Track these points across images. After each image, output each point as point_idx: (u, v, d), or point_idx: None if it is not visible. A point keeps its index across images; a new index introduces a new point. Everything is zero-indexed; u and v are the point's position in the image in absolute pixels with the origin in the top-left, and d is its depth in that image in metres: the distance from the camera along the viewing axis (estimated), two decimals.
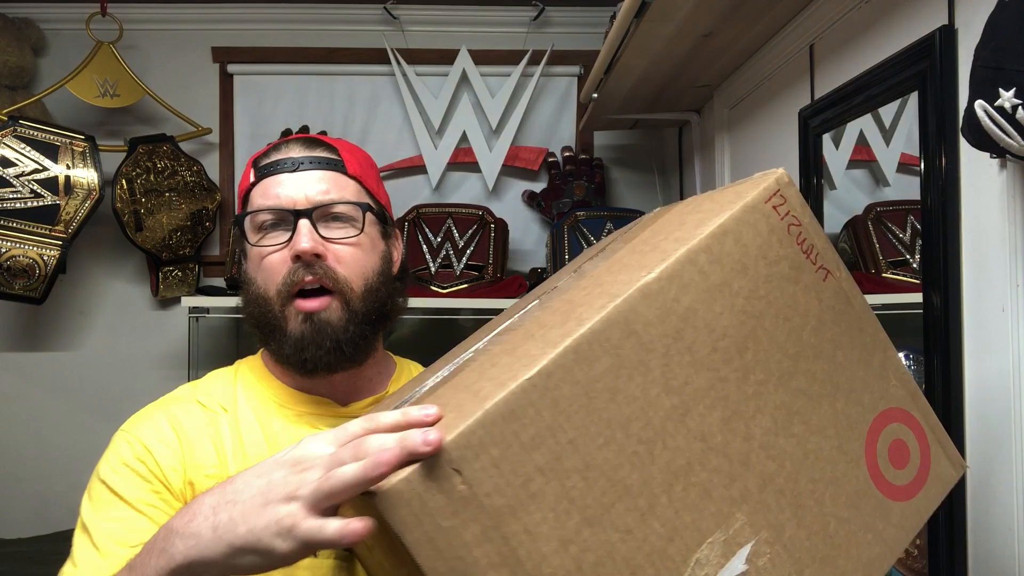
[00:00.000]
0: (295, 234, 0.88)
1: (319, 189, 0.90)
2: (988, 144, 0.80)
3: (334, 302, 0.89)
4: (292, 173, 0.91)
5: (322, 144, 0.95)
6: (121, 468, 0.85)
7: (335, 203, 0.90)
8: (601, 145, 2.51)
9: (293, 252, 0.87)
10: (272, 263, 0.89)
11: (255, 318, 0.91)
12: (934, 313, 1.00)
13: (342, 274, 0.89)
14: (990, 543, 0.92)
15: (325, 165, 0.92)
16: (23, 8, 2.35)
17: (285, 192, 0.89)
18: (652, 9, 1.37)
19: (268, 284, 0.89)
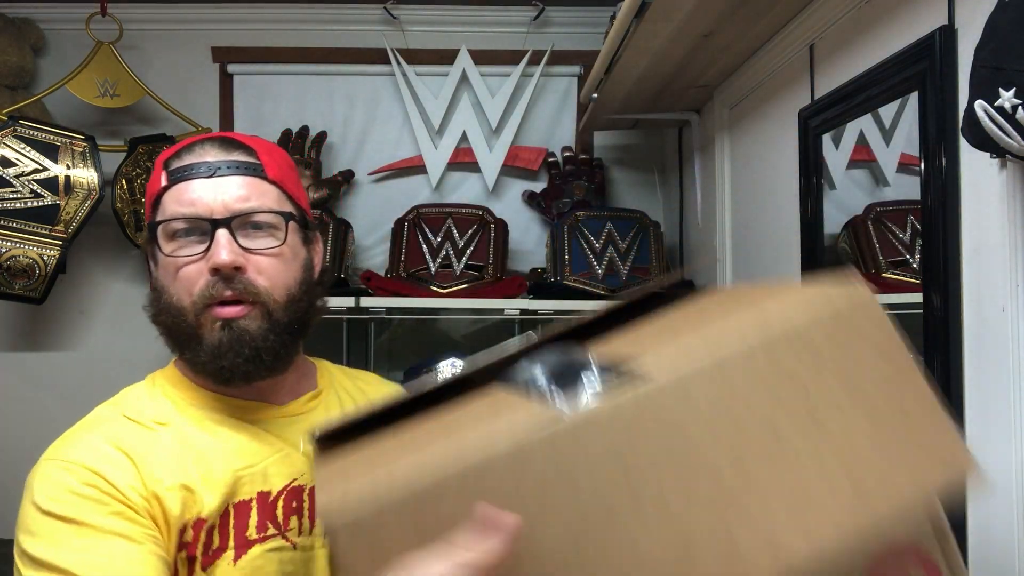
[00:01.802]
0: (213, 245, 0.84)
1: (238, 196, 0.85)
2: (988, 144, 0.80)
3: (254, 310, 0.85)
4: (208, 179, 0.86)
5: (240, 146, 0.90)
6: (67, 496, 0.79)
7: (255, 212, 0.86)
8: (601, 145, 2.51)
9: (211, 265, 0.83)
10: (188, 274, 0.85)
11: (167, 327, 0.87)
12: (934, 313, 1.00)
13: (263, 286, 0.86)
14: (990, 543, 0.92)
15: (244, 170, 0.87)
16: (23, 8, 2.35)
17: (201, 199, 0.85)
18: (652, 9, 1.37)
19: (182, 295, 0.85)
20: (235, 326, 0.84)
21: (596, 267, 2.16)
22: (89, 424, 0.90)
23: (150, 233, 0.88)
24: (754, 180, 1.73)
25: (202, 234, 0.85)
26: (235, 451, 0.87)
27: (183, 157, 0.88)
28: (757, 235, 1.72)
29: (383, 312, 2.15)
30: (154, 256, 0.89)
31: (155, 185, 0.89)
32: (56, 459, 0.83)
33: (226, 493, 0.84)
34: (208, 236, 0.84)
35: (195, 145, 0.90)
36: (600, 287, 2.13)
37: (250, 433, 0.89)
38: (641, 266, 2.17)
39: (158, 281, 0.88)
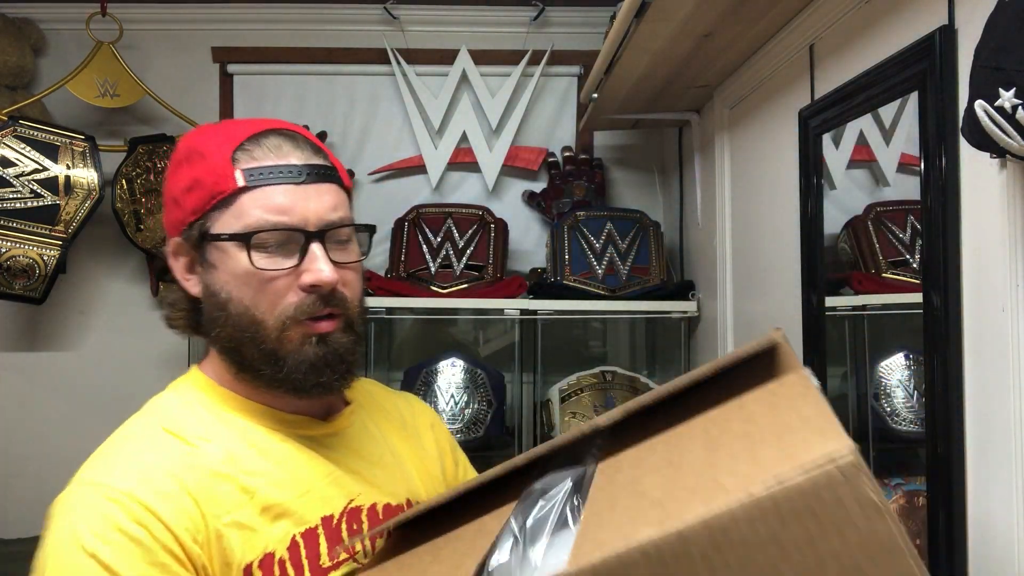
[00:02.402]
0: (307, 260, 0.79)
1: (328, 206, 0.81)
2: (988, 144, 0.80)
3: (340, 323, 0.83)
4: (297, 185, 0.80)
5: (311, 145, 0.85)
6: (115, 536, 0.71)
7: (344, 224, 0.83)
8: (601, 145, 2.51)
9: (312, 282, 0.79)
10: (276, 288, 0.80)
11: (236, 341, 0.81)
12: (934, 313, 1.00)
13: (349, 299, 0.84)
14: (990, 543, 0.92)
15: (327, 176, 0.83)
16: (23, 8, 2.35)
17: (294, 208, 0.79)
18: (652, 9, 1.37)
19: (266, 309, 0.80)
20: (331, 341, 0.82)
21: (596, 267, 2.16)
22: (130, 441, 0.81)
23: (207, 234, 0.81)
24: (754, 180, 1.73)
25: (291, 246, 0.80)
26: (292, 474, 0.82)
27: (258, 154, 0.81)
28: (757, 235, 1.72)
29: (383, 312, 2.15)
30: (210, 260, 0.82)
31: (224, 182, 0.80)
32: (102, 485, 0.74)
33: (291, 522, 0.80)
34: (298, 248, 0.80)
35: (265, 139, 0.82)
36: (600, 287, 2.13)
37: (301, 452, 0.85)
38: (641, 266, 2.17)
39: (222, 290, 0.81)
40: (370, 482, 0.88)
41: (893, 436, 1.28)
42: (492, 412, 2.13)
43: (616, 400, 2.17)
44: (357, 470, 0.88)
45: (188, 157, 0.83)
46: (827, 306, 1.38)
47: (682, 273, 2.30)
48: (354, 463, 0.89)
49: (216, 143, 0.82)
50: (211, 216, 0.80)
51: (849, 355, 1.40)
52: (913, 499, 1.23)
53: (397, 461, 0.94)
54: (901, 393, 1.28)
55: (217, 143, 0.82)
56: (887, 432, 1.28)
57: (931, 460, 1.00)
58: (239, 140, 0.82)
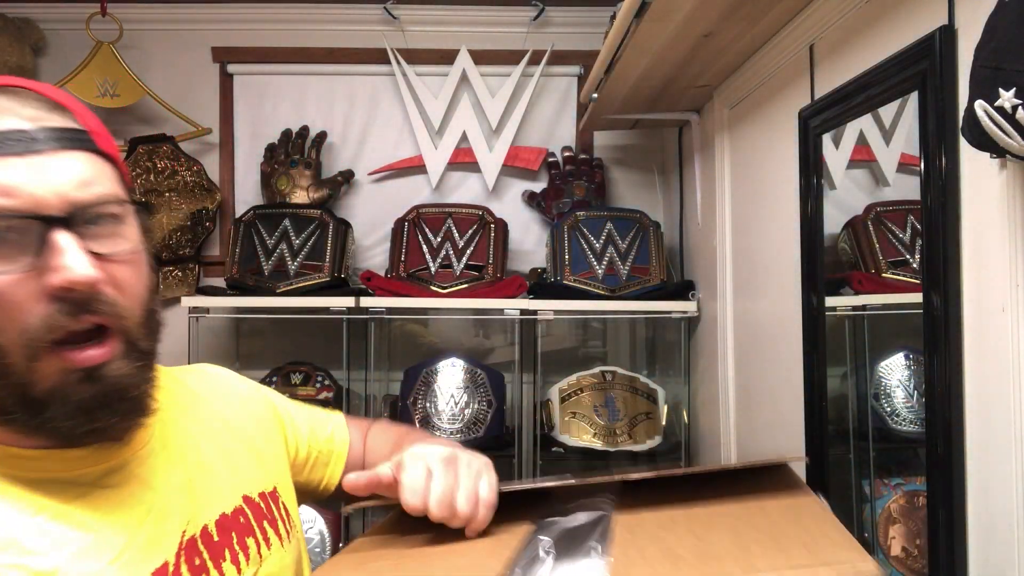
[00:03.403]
0: (49, 253, 0.58)
1: (74, 181, 0.60)
2: (988, 144, 0.80)
3: (118, 346, 0.62)
4: (26, 156, 0.59)
5: (46, 101, 0.63)
6: None
7: (103, 202, 0.62)
8: (601, 145, 2.51)
9: (59, 283, 0.58)
10: (10, 299, 0.58)
11: None
12: (934, 313, 1.00)
13: (123, 304, 0.62)
14: (990, 543, 0.92)
15: (74, 143, 0.62)
16: (23, 8, 2.35)
17: (21, 187, 0.58)
18: (652, 9, 1.37)
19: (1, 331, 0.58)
20: (104, 375, 0.61)
21: (596, 267, 2.16)
22: None
23: None
24: (754, 180, 1.73)
25: (22, 238, 0.58)
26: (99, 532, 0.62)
27: None
28: (757, 235, 1.72)
29: (383, 312, 2.15)
30: None
31: None
32: None
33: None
34: (34, 242, 0.58)
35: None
36: (600, 287, 2.13)
37: (103, 496, 0.64)
38: (641, 266, 2.17)
39: None
40: (197, 497, 0.72)
41: (893, 436, 1.28)
42: (492, 412, 2.13)
43: (616, 400, 2.17)
44: (180, 487, 0.71)
45: None
46: (827, 306, 1.38)
47: (682, 273, 2.30)
48: (174, 479, 0.71)
49: None
50: None
51: (849, 355, 1.40)
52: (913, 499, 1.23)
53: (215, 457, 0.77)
54: (901, 393, 1.28)
55: None
56: (887, 432, 1.28)
57: (931, 460, 1.00)
58: None
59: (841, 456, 1.39)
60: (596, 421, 2.14)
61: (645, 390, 2.22)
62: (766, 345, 1.66)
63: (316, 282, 2.14)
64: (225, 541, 0.71)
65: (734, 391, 1.86)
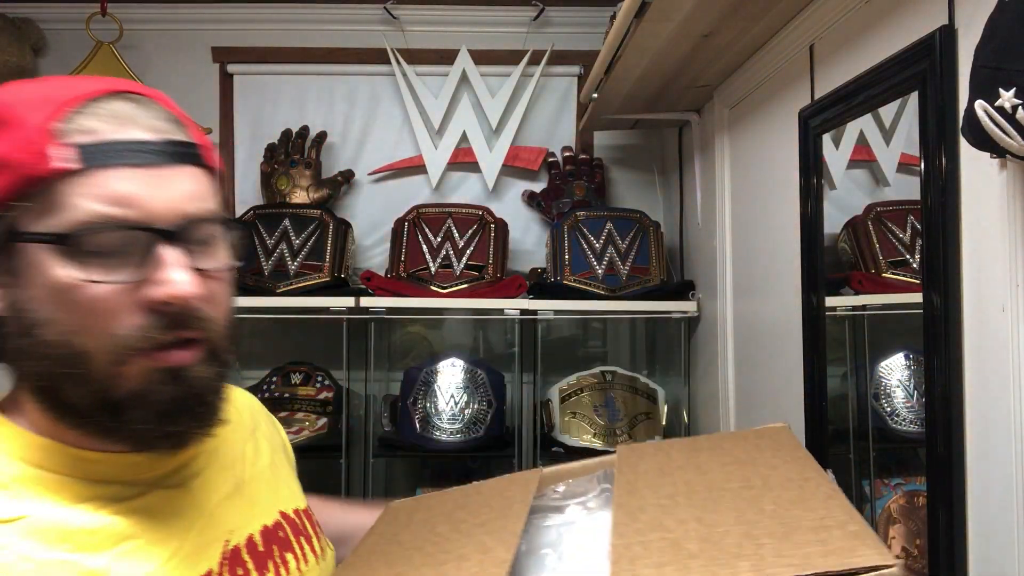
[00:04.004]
0: (155, 266, 0.59)
1: (186, 195, 0.61)
2: (988, 144, 0.80)
3: (202, 351, 0.63)
4: (148, 169, 0.59)
5: (164, 112, 0.63)
6: None
7: (208, 219, 0.63)
8: (601, 145, 2.51)
9: (163, 296, 0.59)
10: (108, 309, 0.58)
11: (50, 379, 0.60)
12: (934, 313, 1.00)
13: (213, 318, 0.63)
14: (990, 543, 0.92)
15: (188, 158, 0.62)
16: (23, 8, 2.35)
17: (139, 198, 0.58)
18: (652, 9, 1.37)
19: (88, 334, 0.58)
20: (187, 377, 0.61)
21: (596, 267, 2.16)
22: None
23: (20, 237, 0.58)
24: (754, 180, 1.73)
25: (130, 249, 0.59)
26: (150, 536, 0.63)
27: (92, 124, 0.59)
28: (757, 235, 1.72)
29: (383, 312, 2.15)
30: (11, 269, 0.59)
31: (38, 162, 0.57)
32: None
33: None
34: (140, 253, 0.59)
35: (103, 104, 0.60)
36: (600, 287, 2.13)
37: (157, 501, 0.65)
38: (641, 266, 2.17)
39: (29, 308, 0.59)
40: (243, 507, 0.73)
41: (893, 436, 1.28)
42: (492, 412, 2.13)
43: (616, 400, 2.17)
44: (227, 497, 0.72)
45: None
46: (827, 306, 1.38)
47: (682, 273, 2.30)
48: (223, 488, 0.72)
49: (31, 107, 0.59)
50: (20, 208, 0.58)
51: (849, 355, 1.40)
52: (913, 499, 1.23)
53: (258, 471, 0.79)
54: (901, 393, 1.28)
55: (32, 107, 0.59)
56: (887, 432, 1.28)
57: (931, 460, 1.00)
58: (65, 105, 0.59)
59: (841, 456, 1.39)
60: (596, 421, 2.14)
61: (645, 390, 2.22)
62: (766, 345, 1.66)
63: (316, 282, 2.14)
64: (268, 553, 0.72)
65: (734, 391, 1.86)
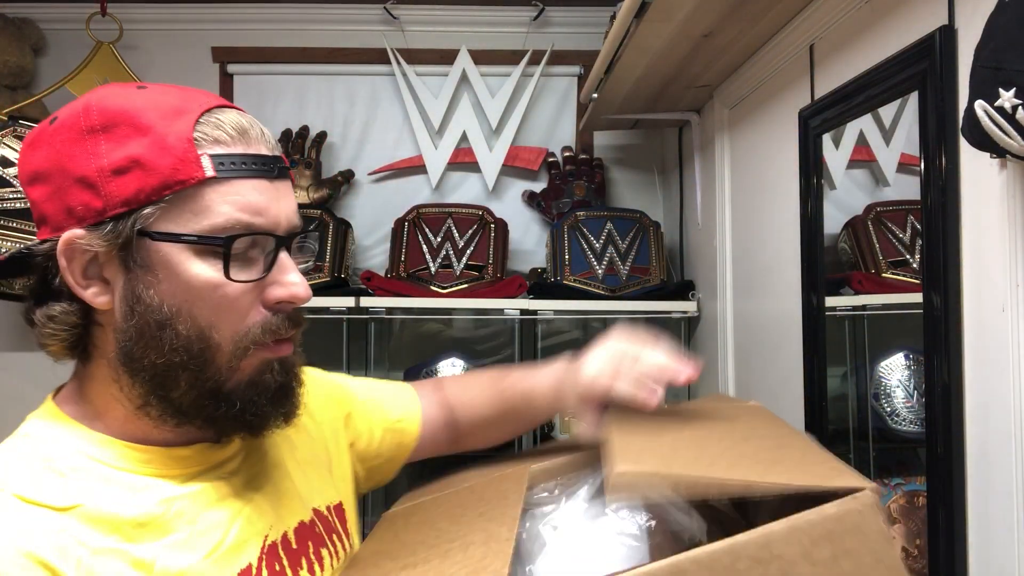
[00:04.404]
0: (276, 270, 0.66)
1: (294, 208, 0.69)
2: (988, 144, 0.80)
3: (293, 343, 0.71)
4: (271, 181, 0.66)
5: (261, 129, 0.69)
6: None
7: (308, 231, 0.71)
8: (601, 145, 2.51)
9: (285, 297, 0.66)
10: (241, 306, 0.65)
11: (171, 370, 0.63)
12: (934, 313, 1.00)
13: None
14: (990, 543, 0.92)
15: (285, 173, 0.69)
16: (23, 8, 2.35)
17: (268, 208, 0.65)
18: (652, 9, 1.37)
19: (224, 330, 0.64)
20: (288, 363, 0.69)
21: (596, 267, 2.16)
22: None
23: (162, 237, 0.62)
24: (754, 180, 1.73)
25: (254, 252, 0.65)
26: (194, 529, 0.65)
27: (221, 137, 0.64)
28: (757, 235, 1.72)
29: (383, 312, 2.15)
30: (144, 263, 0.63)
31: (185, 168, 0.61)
32: None
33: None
34: (266, 258, 0.66)
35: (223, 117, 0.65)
36: (600, 287, 2.13)
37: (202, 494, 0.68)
38: (641, 266, 2.17)
39: (164, 304, 0.63)
40: (281, 503, 0.75)
41: (893, 436, 1.28)
42: None
43: None
44: (268, 492, 0.74)
45: (109, 126, 0.62)
46: (827, 306, 1.38)
47: (682, 273, 2.30)
48: (264, 484, 0.74)
49: (162, 115, 0.62)
50: (157, 209, 0.62)
51: (849, 355, 1.40)
52: (913, 499, 1.23)
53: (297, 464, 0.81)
54: (901, 393, 1.28)
55: (164, 115, 0.62)
56: (887, 432, 1.29)
57: (931, 460, 1.00)
58: (193, 115, 0.63)
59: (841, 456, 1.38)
60: None
61: None
62: (766, 345, 1.66)
63: (316, 282, 2.14)
64: (302, 550, 0.74)
65: (734, 391, 1.86)
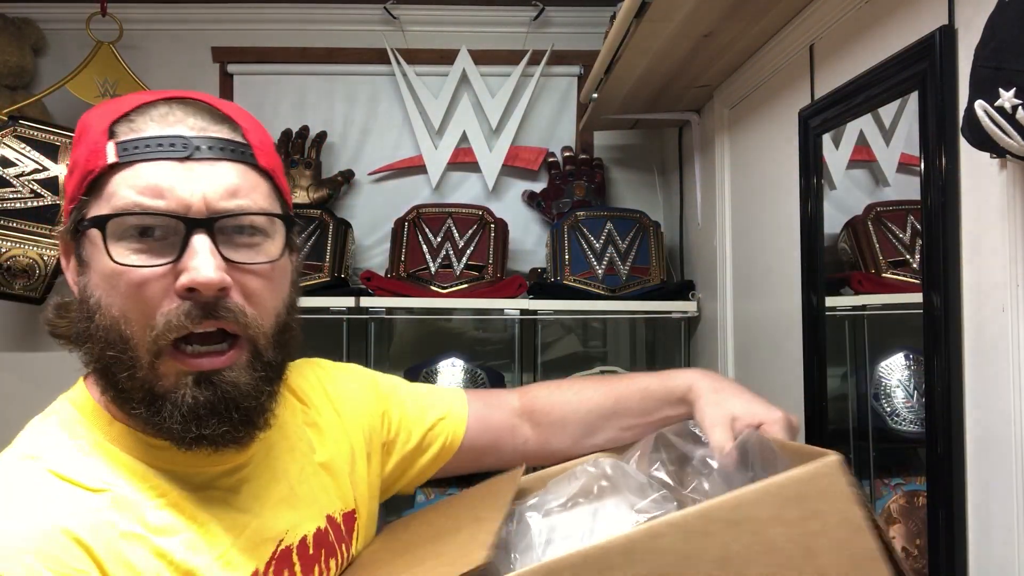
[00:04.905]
0: (185, 254, 0.61)
1: (225, 189, 0.64)
2: (988, 144, 0.80)
3: (242, 355, 0.65)
4: (182, 161, 0.63)
5: (219, 115, 0.67)
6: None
7: (246, 213, 0.64)
8: (601, 145, 2.51)
9: (186, 283, 0.61)
10: (149, 295, 0.62)
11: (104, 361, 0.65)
12: (934, 313, 1.00)
13: (251, 314, 0.64)
14: (990, 543, 0.92)
15: (230, 153, 0.65)
16: (23, 8, 2.35)
17: (173, 189, 0.62)
18: (652, 9, 1.37)
19: (133, 320, 0.62)
20: (217, 380, 0.63)
21: (596, 267, 2.16)
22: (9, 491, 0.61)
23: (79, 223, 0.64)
24: (754, 180, 1.73)
25: (169, 237, 0.63)
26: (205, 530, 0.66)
27: (140, 125, 0.64)
28: (757, 235, 1.72)
29: (383, 312, 2.15)
30: (84, 256, 0.65)
31: (95, 158, 0.64)
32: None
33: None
34: (179, 241, 0.62)
35: (155, 106, 0.65)
36: (600, 287, 2.13)
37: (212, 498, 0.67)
38: (641, 266, 2.17)
39: (91, 293, 0.64)
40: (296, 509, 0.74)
41: (893, 436, 1.28)
42: None
43: None
44: (283, 498, 0.73)
45: (78, 136, 0.70)
46: (827, 306, 1.38)
47: (682, 273, 2.30)
48: (279, 489, 0.73)
49: (100, 114, 0.67)
50: (86, 202, 0.64)
51: (849, 355, 1.40)
52: (913, 499, 1.23)
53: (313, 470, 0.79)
54: (901, 393, 1.28)
55: (101, 114, 0.67)
56: (887, 432, 1.28)
57: (931, 460, 1.00)
58: (126, 109, 0.66)
59: None
60: None
61: None
62: (766, 345, 1.66)
63: (316, 282, 2.14)
64: (316, 556, 0.74)
65: None
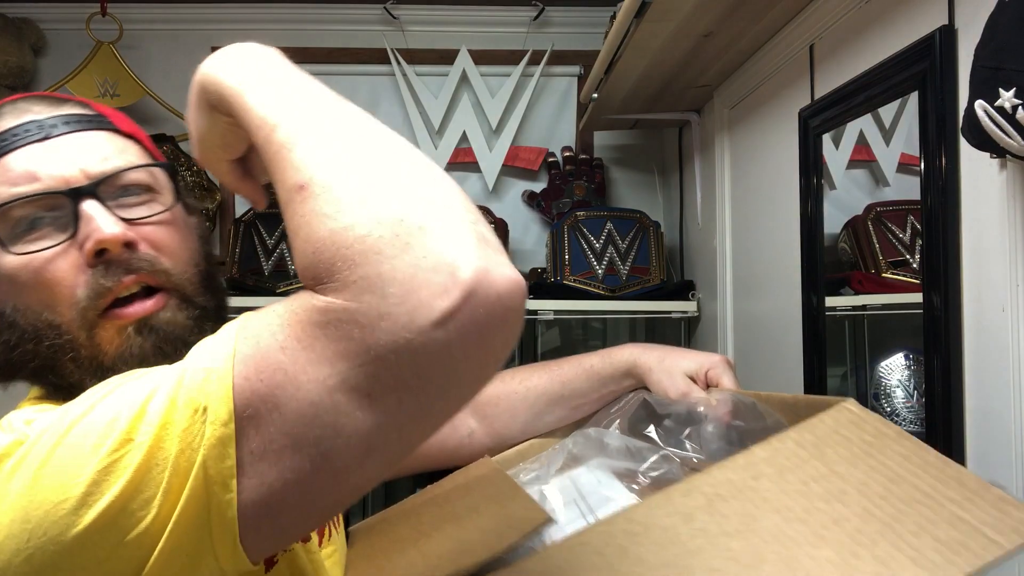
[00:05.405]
0: (80, 224, 0.61)
1: (97, 155, 0.64)
2: (988, 144, 0.80)
3: (170, 299, 0.64)
4: (44, 142, 0.63)
5: (56, 99, 0.68)
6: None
7: (124, 169, 0.64)
8: (601, 145, 2.51)
9: (92, 246, 0.60)
10: (57, 274, 0.61)
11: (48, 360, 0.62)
12: (934, 313, 1.00)
13: (168, 264, 0.64)
14: None
15: (88, 123, 0.65)
16: (23, 8, 2.35)
17: (44, 168, 0.62)
18: (652, 9, 1.37)
19: (55, 304, 0.61)
20: (155, 323, 0.63)
21: (596, 267, 2.16)
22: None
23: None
24: (754, 180, 1.73)
25: (60, 217, 0.62)
26: None
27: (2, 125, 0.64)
28: (757, 235, 1.72)
29: None
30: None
31: None
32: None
33: None
34: (68, 216, 0.61)
35: (12, 105, 0.66)
36: (600, 287, 2.13)
37: None
38: (641, 266, 2.17)
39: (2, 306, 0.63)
40: None
41: None
42: None
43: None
44: None
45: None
46: (827, 306, 1.38)
47: (682, 273, 2.30)
48: None
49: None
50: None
51: (849, 355, 1.40)
52: None
53: None
54: (901, 393, 1.28)
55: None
56: None
57: None
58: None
59: None
60: None
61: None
62: (766, 345, 1.66)
63: None
64: None
65: None
